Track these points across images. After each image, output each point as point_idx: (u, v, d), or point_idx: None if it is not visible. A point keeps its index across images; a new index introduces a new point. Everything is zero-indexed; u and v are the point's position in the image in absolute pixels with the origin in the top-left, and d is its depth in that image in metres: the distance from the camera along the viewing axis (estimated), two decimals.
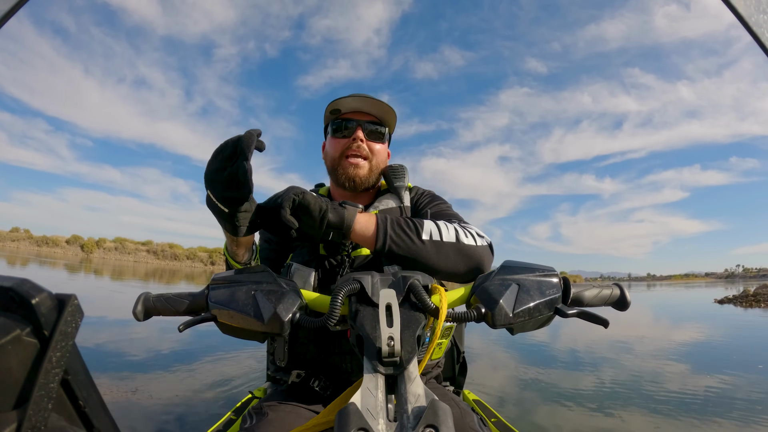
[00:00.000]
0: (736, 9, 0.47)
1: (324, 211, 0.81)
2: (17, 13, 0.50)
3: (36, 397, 0.30)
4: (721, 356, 5.80)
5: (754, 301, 16.16)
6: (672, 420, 3.10)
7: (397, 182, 1.24)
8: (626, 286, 0.70)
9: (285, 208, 0.77)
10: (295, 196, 0.79)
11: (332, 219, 0.83)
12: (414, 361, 0.55)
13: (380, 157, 1.22)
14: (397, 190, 1.23)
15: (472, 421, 0.94)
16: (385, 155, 1.26)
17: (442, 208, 1.19)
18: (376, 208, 1.20)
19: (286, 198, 0.78)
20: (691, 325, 10.19)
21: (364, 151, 1.18)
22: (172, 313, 0.67)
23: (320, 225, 0.82)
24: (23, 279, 0.33)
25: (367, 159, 1.18)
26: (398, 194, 1.23)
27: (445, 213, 1.16)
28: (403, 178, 1.25)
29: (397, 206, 1.22)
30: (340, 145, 1.18)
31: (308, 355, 1.08)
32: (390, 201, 1.23)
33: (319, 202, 0.81)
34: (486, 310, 0.62)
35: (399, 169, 1.26)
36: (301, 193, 0.80)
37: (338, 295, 0.60)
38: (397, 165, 1.28)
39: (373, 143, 1.20)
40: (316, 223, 0.81)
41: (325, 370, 1.07)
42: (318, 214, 0.81)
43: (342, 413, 0.47)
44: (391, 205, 1.22)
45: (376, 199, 1.24)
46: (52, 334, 0.32)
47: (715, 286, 52.95)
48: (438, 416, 0.46)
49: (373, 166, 1.20)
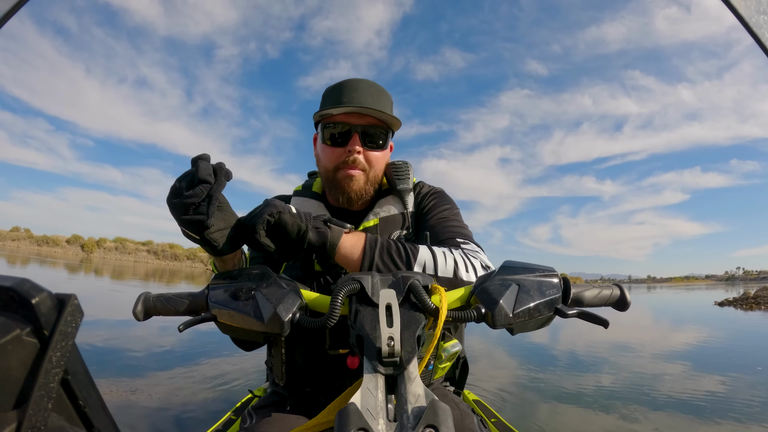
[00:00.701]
0: (736, 10, 0.47)
1: (303, 232, 0.75)
2: (18, 12, 0.50)
3: (36, 397, 0.30)
4: (720, 358, 5.80)
5: (754, 303, 16.15)
6: (671, 420, 3.09)
7: (401, 184, 1.10)
8: (626, 287, 0.69)
9: (258, 231, 0.72)
10: (269, 217, 0.72)
11: (313, 240, 0.77)
12: (414, 361, 0.55)
13: (379, 166, 1.08)
14: (401, 193, 1.10)
15: (472, 422, 0.94)
16: (383, 163, 1.11)
17: (446, 217, 1.07)
18: (377, 214, 1.09)
19: (259, 219, 0.72)
20: (691, 327, 10.19)
21: (361, 164, 1.03)
22: (172, 313, 0.67)
23: (299, 246, 0.76)
24: (23, 279, 0.33)
25: (363, 171, 1.05)
26: (401, 198, 1.11)
27: (449, 226, 1.04)
28: (407, 179, 1.11)
29: (400, 213, 1.10)
30: (334, 156, 1.04)
31: (308, 378, 0.99)
32: (392, 206, 1.11)
33: (298, 222, 0.75)
34: (486, 310, 0.61)
35: (402, 167, 1.12)
36: (278, 213, 0.73)
37: (338, 295, 0.60)
38: (400, 162, 1.14)
39: (371, 152, 1.05)
40: (293, 243, 0.76)
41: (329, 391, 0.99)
42: (296, 235, 0.75)
43: (342, 413, 0.47)
44: (393, 211, 1.10)
45: (376, 203, 1.12)
46: (52, 334, 0.32)
47: (716, 289, 52.93)
48: (438, 416, 0.46)
49: (370, 178, 1.06)
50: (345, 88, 1.05)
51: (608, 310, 0.69)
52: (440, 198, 1.14)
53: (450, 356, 0.99)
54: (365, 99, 1.03)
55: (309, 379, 0.99)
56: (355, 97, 1.03)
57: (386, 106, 1.06)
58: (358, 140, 1.02)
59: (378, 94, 1.06)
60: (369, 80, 1.09)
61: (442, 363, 1.00)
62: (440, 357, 0.98)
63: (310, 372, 0.99)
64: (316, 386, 1.00)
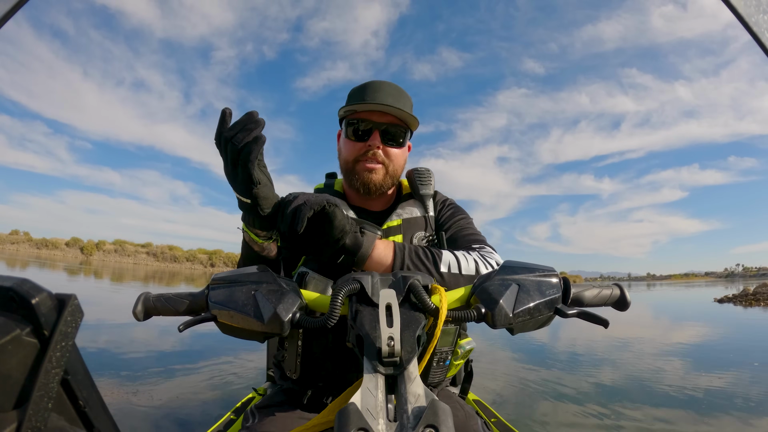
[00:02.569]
0: (736, 9, 0.47)
1: (343, 234, 0.79)
2: (15, 15, 0.50)
3: (36, 397, 0.30)
4: (719, 354, 5.83)
5: (753, 300, 16.18)
6: (671, 417, 3.10)
7: (423, 189, 1.19)
8: (626, 286, 0.69)
9: (306, 207, 0.74)
10: (327, 204, 0.76)
11: (349, 243, 0.81)
12: (414, 361, 0.55)
13: (398, 161, 1.15)
14: (423, 198, 1.19)
15: (476, 424, 0.94)
16: (403, 159, 1.18)
17: (463, 225, 1.16)
18: (400, 216, 1.16)
19: (318, 199, 0.76)
20: (690, 324, 10.21)
21: (380, 158, 1.11)
22: (172, 313, 0.67)
23: (333, 244, 0.80)
24: (23, 279, 0.33)
25: (383, 164, 1.11)
26: (423, 202, 1.19)
27: (466, 233, 1.12)
28: (429, 184, 1.20)
29: (422, 215, 1.17)
30: (355, 150, 1.11)
31: (323, 372, 1.00)
32: (414, 209, 1.18)
33: (344, 223, 0.79)
34: (486, 310, 0.61)
35: (426, 173, 1.21)
36: (334, 205, 0.77)
37: (338, 295, 0.60)
38: (423, 169, 1.23)
39: (390, 148, 1.12)
40: (330, 240, 0.79)
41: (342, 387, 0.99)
42: (337, 233, 0.79)
43: (342, 413, 0.47)
44: (416, 213, 1.17)
45: (399, 205, 1.19)
46: (52, 334, 0.32)
47: (715, 285, 52.98)
48: (438, 416, 0.46)
49: (389, 171, 1.13)
50: (369, 88, 1.12)
51: (608, 310, 0.69)
52: (456, 208, 1.23)
53: (465, 353, 1.01)
54: (387, 99, 1.09)
55: (325, 373, 1.00)
56: (378, 96, 1.10)
57: (406, 106, 1.12)
58: (378, 137, 1.09)
59: (399, 95, 1.12)
60: (391, 82, 1.15)
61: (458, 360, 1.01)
62: (456, 353, 0.99)
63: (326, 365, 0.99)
64: (331, 381, 1.01)
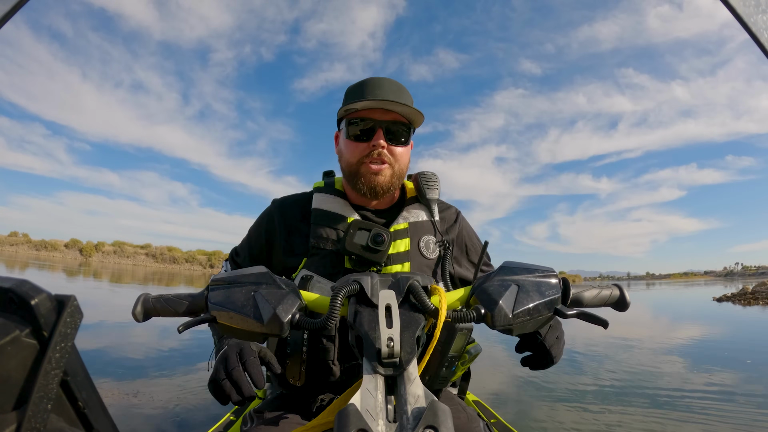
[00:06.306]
0: (734, 9, 0.47)
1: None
2: (13, 17, 0.50)
3: (35, 398, 0.30)
4: (714, 351, 5.88)
5: (752, 298, 16.19)
6: (670, 418, 3.10)
7: (430, 194, 1.17)
8: (626, 286, 0.69)
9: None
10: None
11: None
12: (413, 362, 0.55)
13: (403, 161, 1.10)
14: (429, 202, 1.17)
15: (478, 426, 0.94)
16: (407, 158, 1.13)
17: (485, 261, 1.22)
18: (406, 219, 1.13)
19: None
20: (689, 323, 10.24)
21: (386, 158, 1.06)
22: (171, 314, 0.67)
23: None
24: (23, 280, 0.33)
25: (389, 164, 1.07)
26: (429, 207, 1.17)
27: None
28: (435, 189, 1.18)
29: (429, 220, 1.15)
30: (359, 150, 1.06)
31: (332, 378, 0.98)
32: (421, 212, 1.15)
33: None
34: (485, 311, 0.61)
35: (432, 178, 1.19)
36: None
37: (338, 296, 0.60)
38: (429, 173, 1.20)
39: (395, 147, 1.07)
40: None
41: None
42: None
43: (342, 414, 0.47)
44: (423, 217, 1.15)
45: (404, 209, 1.16)
46: (52, 335, 0.32)
47: (714, 284, 52.97)
48: (437, 417, 0.46)
49: (396, 171, 1.08)
50: (369, 85, 1.07)
51: (608, 310, 0.69)
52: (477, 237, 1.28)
53: (472, 357, 0.99)
54: (388, 95, 1.04)
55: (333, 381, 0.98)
56: (379, 93, 1.05)
57: (408, 102, 1.07)
58: (382, 135, 1.04)
59: (399, 91, 1.08)
60: (390, 78, 1.10)
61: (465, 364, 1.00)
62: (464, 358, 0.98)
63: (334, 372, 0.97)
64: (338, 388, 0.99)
